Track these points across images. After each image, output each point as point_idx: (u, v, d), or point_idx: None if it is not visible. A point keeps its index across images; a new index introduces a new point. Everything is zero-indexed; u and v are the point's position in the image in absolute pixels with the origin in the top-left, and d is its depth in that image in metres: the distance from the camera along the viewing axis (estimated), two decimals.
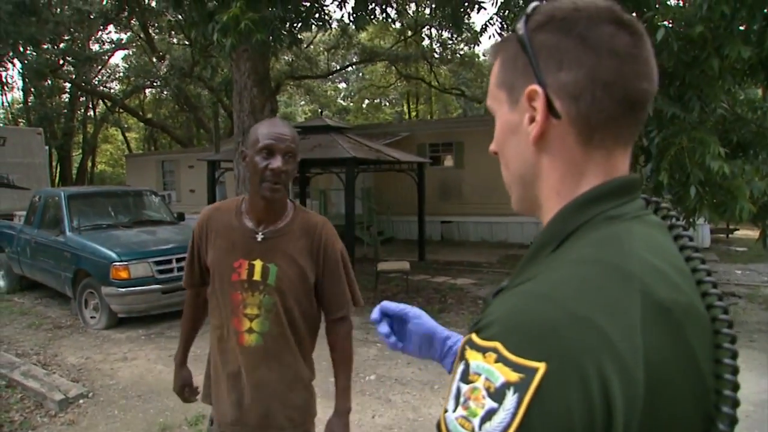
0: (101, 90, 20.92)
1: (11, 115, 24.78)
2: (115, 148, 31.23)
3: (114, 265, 5.83)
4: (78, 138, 24.19)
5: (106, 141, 29.66)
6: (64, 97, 21.65)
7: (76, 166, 24.10)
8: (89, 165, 25.29)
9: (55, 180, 20.88)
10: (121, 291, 5.83)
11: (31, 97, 21.51)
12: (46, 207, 7.20)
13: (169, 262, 6.11)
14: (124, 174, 21.88)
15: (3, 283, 8.18)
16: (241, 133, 7.09)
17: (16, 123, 22.65)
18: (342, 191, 9.48)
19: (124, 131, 27.53)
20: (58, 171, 22.38)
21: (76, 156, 25.22)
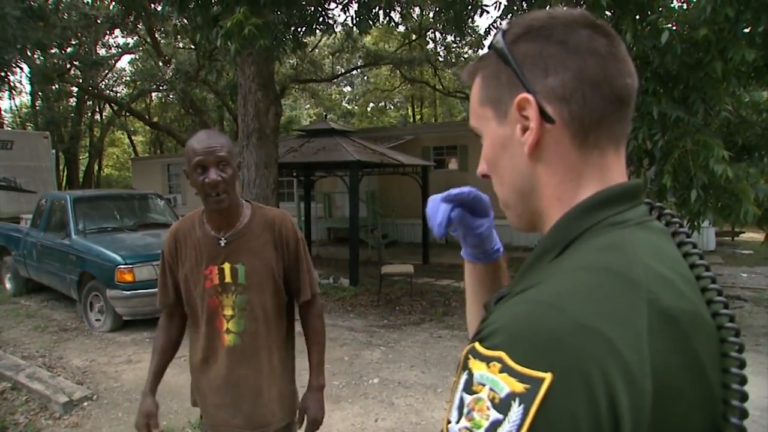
0: (108, 94, 21.05)
1: (19, 119, 25.00)
2: (122, 151, 31.45)
3: (119, 268, 5.86)
4: (85, 141, 24.38)
5: (112, 144, 29.90)
6: (71, 101, 21.84)
7: (83, 169, 24.27)
8: (96, 168, 25.49)
9: (62, 183, 21.01)
10: (126, 294, 5.86)
11: (39, 101, 21.72)
12: (52, 210, 7.24)
13: None
14: (131, 177, 22.01)
15: (9, 286, 8.23)
16: (246, 137, 7.09)
17: (24, 127, 22.85)
18: (346, 194, 9.48)
19: (131, 135, 27.70)
20: (65, 174, 22.53)
21: (83, 159, 25.41)
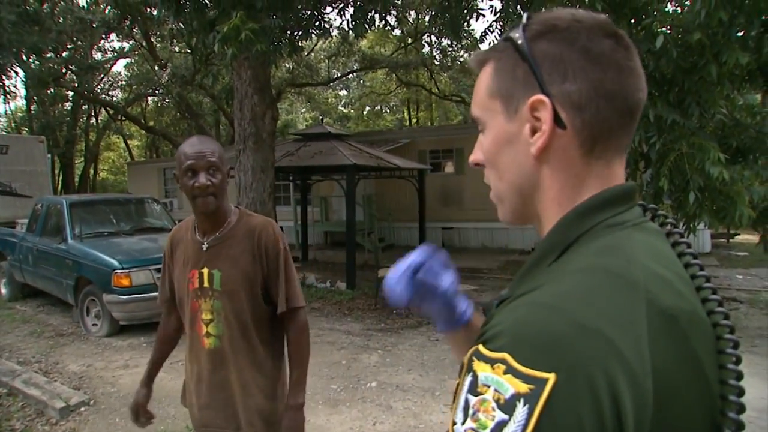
0: (103, 98, 20.98)
1: (14, 124, 24.88)
2: (117, 155, 31.35)
3: (115, 272, 5.84)
4: (80, 146, 24.30)
5: (108, 149, 29.79)
6: (67, 106, 21.74)
7: (79, 173, 24.17)
8: (91, 173, 25.39)
9: (58, 188, 20.94)
10: (123, 298, 5.83)
11: (34, 106, 21.61)
12: (48, 215, 7.22)
13: None
14: (126, 181, 21.93)
15: (5, 291, 8.18)
16: (242, 141, 7.09)
17: (19, 131, 22.75)
18: (343, 198, 9.49)
19: (126, 139, 27.61)
20: (61, 179, 22.45)
21: (79, 164, 25.30)
